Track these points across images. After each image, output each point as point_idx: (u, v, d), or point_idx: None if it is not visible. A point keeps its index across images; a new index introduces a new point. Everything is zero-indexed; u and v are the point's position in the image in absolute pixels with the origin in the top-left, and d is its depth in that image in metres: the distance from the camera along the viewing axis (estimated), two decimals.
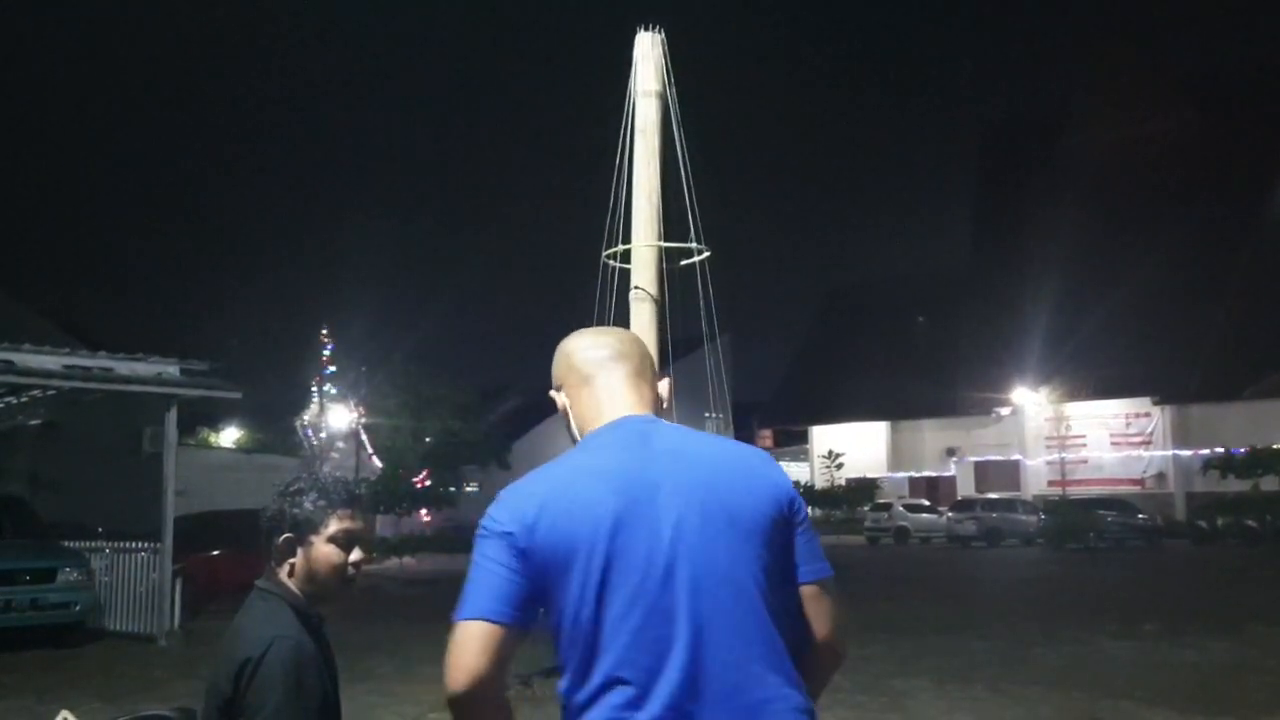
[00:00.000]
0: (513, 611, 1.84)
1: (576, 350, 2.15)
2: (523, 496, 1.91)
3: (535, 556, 1.85)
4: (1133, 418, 47.11)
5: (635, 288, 2.89)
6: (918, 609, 16.32)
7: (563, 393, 2.15)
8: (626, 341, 2.20)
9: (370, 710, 8.99)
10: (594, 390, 2.09)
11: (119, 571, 14.99)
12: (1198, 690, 9.35)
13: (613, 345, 2.15)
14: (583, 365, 2.12)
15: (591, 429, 2.05)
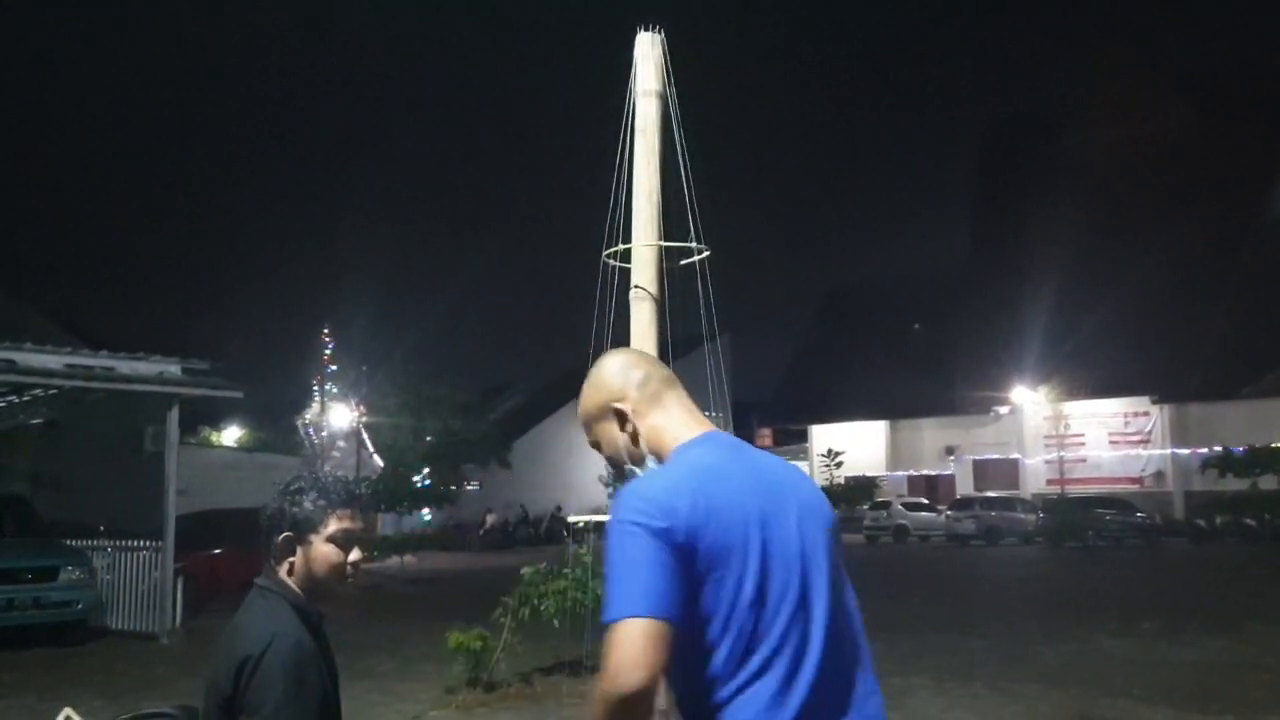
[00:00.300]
0: (677, 609, 1.86)
1: (636, 368, 2.21)
2: (669, 493, 1.92)
3: (694, 551, 1.89)
4: (1131, 417, 47.12)
5: (635, 287, 2.91)
6: (917, 607, 16.34)
7: (625, 406, 2.16)
8: (666, 367, 2.27)
9: (371, 708, 9.02)
10: (668, 407, 2.15)
11: (121, 570, 15.03)
12: (1196, 688, 9.38)
13: (663, 368, 2.24)
14: (649, 382, 2.16)
15: (678, 441, 2.09)
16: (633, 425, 2.15)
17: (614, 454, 2.19)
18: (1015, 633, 13.32)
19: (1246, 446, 36.50)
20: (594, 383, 2.23)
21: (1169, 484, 45.27)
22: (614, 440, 2.18)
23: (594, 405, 2.21)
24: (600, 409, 2.20)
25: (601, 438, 2.22)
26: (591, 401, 2.22)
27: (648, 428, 2.14)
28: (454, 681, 9.71)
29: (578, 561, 10.53)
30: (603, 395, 2.19)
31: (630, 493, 1.96)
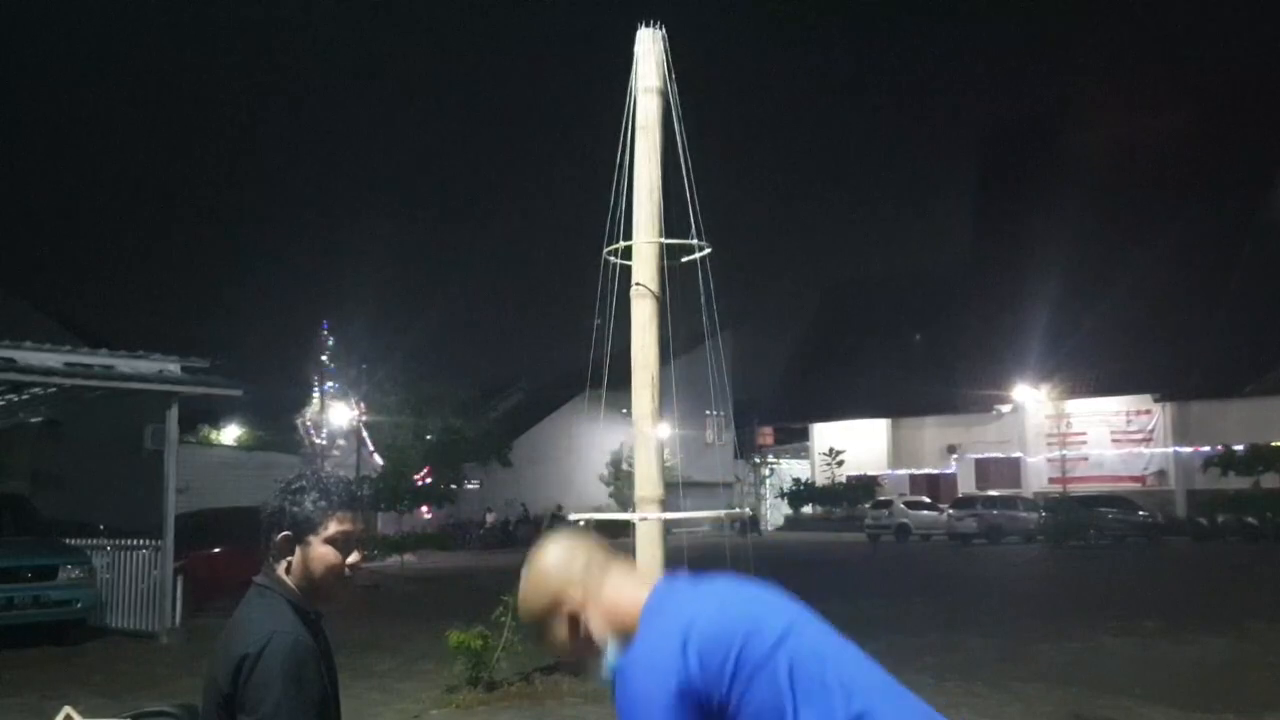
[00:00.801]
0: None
1: (574, 554, 2.10)
2: (688, 641, 1.82)
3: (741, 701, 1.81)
4: (1133, 415, 47.11)
5: (636, 284, 2.90)
6: (918, 606, 16.33)
7: (575, 597, 2.04)
8: (602, 546, 2.17)
9: (371, 707, 9.00)
10: (615, 575, 2.05)
11: (120, 569, 15.03)
12: (1198, 687, 9.36)
13: (599, 548, 2.13)
14: (590, 566, 2.06)
15: (639, 603, 1.98)
16: (584, 619, 2.03)
17: (570, 653, 2.06)
18: (1016, 631, 13.30)
19: (1248, 445, 36.51)
20: (534, 583, 2.11)
21: (1171, 482, 45.27)
22: (565, 638, 2.05)
23: (539, 607, 2.09)
24: (546, 610, 2.08)
25: (554, 639, 2.09)
26: (536, 604, 2.10)
27: (604, 608, 2.02)
28: (454, 680, 9.69)
29: None
30: (546, 595, 2.08)
31: (640, 646, 1.87)
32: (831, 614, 7.67)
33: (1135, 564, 25.69)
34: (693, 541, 6.47)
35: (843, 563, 27.92)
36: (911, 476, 52.67)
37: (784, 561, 26.29)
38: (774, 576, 7.16)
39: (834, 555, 31.36)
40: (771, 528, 51.61)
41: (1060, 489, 43.41)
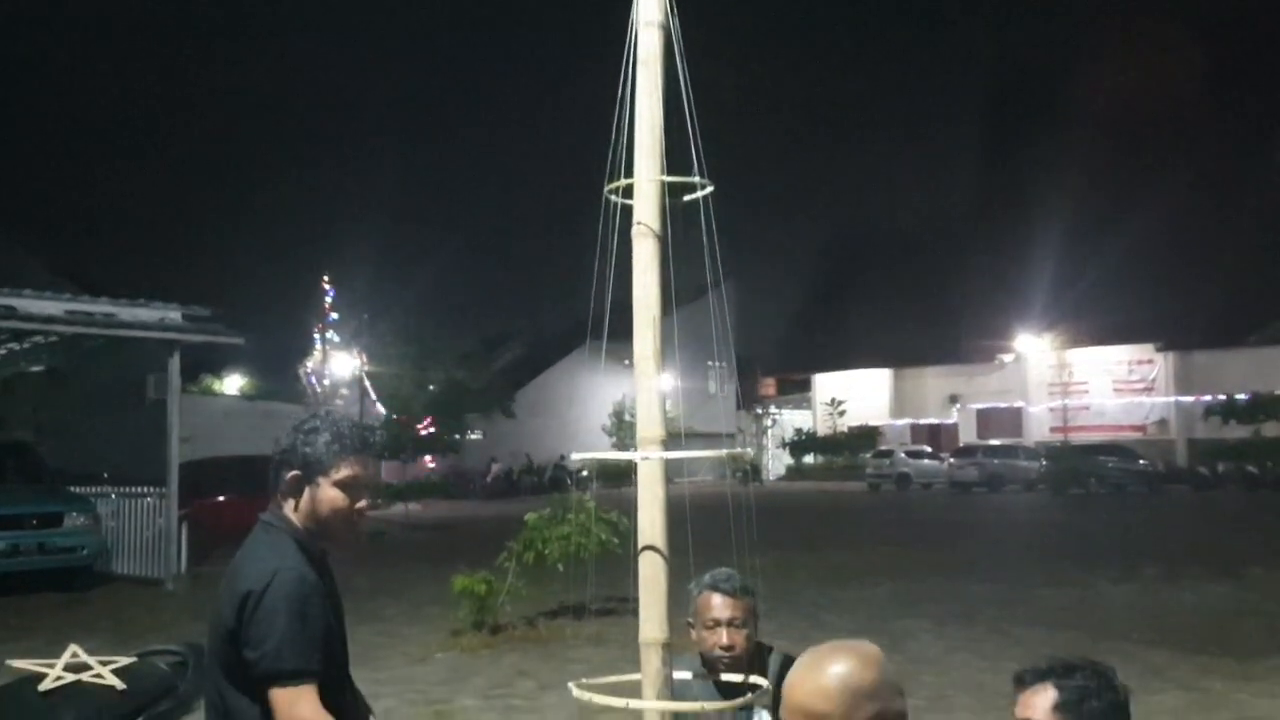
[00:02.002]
0: None
1: (872, 706, 1.85)
2: None
3: None
4: (1135, 364, 47.12)
5: (637, 223, 2.87)
6: (918, 553, 16.42)
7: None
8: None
9: (378, 650, 9.10)
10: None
11: (125, 516, 15.12)
12: (1197, 632, 9.43)
13: (896, 693, 1.91)
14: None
15: None
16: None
17: None
18: (1016, 578, 13.39)
19: (1250, 393, 36.54)
20: (817, 684, 1.87)
21: (1172, 431, 45.36)
22: None
23: (805, 711, 1.86)
24: (811, 716, 1.85)
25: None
26: (804, 705, 1.86)
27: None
28: (459, 624, 9.78)
29: (581, 507, 10.57)
30: (821, 708, 1.84)
31: None
32: (833, 562, 7.79)
33: (1135, 512, 25.80)
34: (695, 491, 6.50)
35: (844, 511, 28.07)
36: (913, 426, 52.78)
37: (785, 510, 26.43)
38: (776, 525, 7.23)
39: (835, 504, 31.53)
40: (773, 478, 51.83)
41: (1061, 438, 43.51)
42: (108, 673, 3.21)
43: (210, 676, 2.71)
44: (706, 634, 3.67)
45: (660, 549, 2.80)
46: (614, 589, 10.03)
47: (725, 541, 3.73)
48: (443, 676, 8.25)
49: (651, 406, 2.88)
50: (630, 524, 2.96)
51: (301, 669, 2.55)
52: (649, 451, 2.82)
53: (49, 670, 3.20)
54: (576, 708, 6.90)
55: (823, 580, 13.42)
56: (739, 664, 3.49)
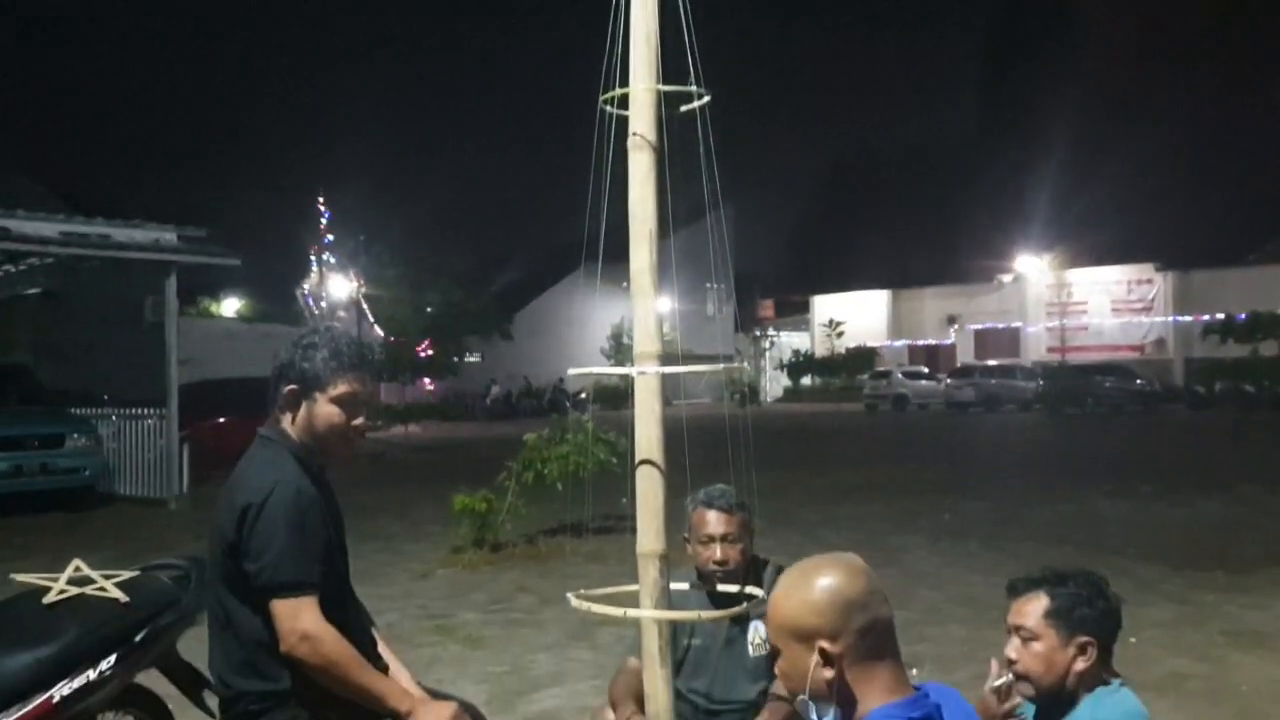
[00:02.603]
0: None
1: (863, 609, 1.87)
2: None
3: None
4: (1134, 284, 47.04)
5: (633, 134, 2.84)
6: (914, 472, 16.54)
7: (836, 649, 1.84)
8: (889, 604, 1.93)
9: (380, 568, 9.20)
10: (879, 666, 1.86)
11: (126, 438, 15.21)
12: (1190, 547, 9.54)
13: (888, 607, 1.92)
14: (871, 631, 1.86)
15: (877, 705, 1.84)
16: (837, 674, 1.85)
17: (794, 680, 1.91)
18: (1011, 495, 13.50)
19: (1249, 312, 36.50)
20: (804, 599, 1.89)
21: (1169, 351, 45.44)
22: (801, 669, 1.88)
23: (793, 627, 1.89)
24: (801, 633, 1.88)
25: (785, 656, 1.92)
26: (793, 621, 1.89)
27: (851, 677, 1.86)
28: (460, 542, 9.89)
29: (579, 428, 10.62)
30: (811, 622, 1.87)
31: None
32: (829, 481, 7.86)
33: (1131, 431, 25.97)
34: (693, 413, 6.52)
35: (840, 432, 28.22)
36: (911, 347, 52.87)
37: (782, 431, 26.58)
38: (773, 445, 7.29)
39: (832, 425, 31.68)
40: (771, 399, 52.03)
41: (1059, 358, 43.59)
42: (111, 586, 3.24)
43: (212, 588, 2.74)
44: (701, 549, 3.72)
45: (657, 463, 2.82)
46: (612, 508, 10.11)
47: (722, 461, 3.76)
48: (444, 592, 8.36)
49: (648, 322, 2.88)
50: (628, 444, 2.97)
51: (301, 581, 2.58)
52: (645, 366, 2.83)
53: (52, 584, 3.23)
54: (576, 619, 7.04)
55: (819, 498, 13.54)
56: (734, 578, 3.54)
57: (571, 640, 6.69)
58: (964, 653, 6.15)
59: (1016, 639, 2.72)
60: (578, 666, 6.09)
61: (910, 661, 5.90)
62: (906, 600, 7.62)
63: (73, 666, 2.99)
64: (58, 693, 2.93)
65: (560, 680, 5.84)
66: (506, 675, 5.94)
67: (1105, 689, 2.67)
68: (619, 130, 2.88)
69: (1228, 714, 5.01)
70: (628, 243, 2.83)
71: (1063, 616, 2.66)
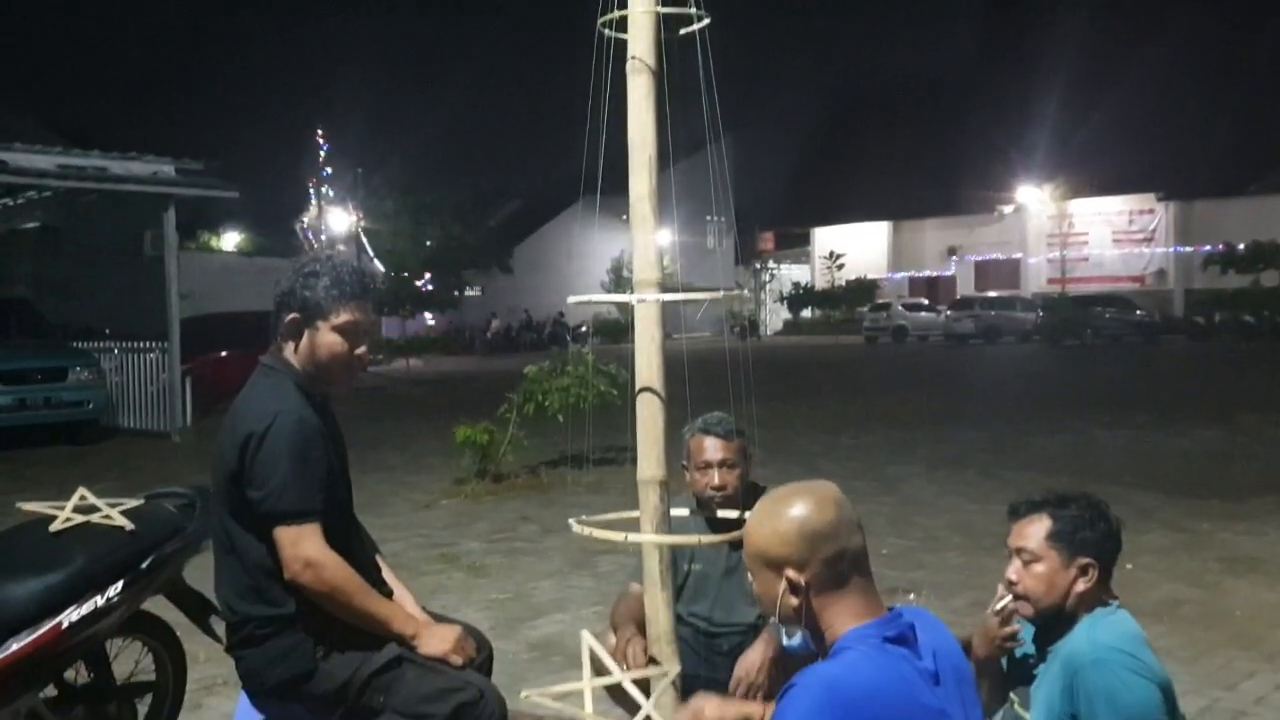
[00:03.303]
0: None
1: (830, 540, 1.92)
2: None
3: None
4: (1136, 214, 46.77)
5: (632, 58, 2.81)
6: (913, 403, 16.60)
7: (802, 578, 1.92)
8: (861, 531, 1.98)
9: (383, 498, 9.28)
10: (848, 593, 1.93)
11: (129, 372, 15.26)
12: (1186, 475, 9.60)
13: (859, 535, 1.97)
14: (839, 560, 1.92)
15: (846, 628, 1.92)
16: (804, 601, 1.93)
17: (765, 604, 2.01)
18: (1009, 425, 13.55)
19: (1250, 242, 36.35)
20: (774, 529, 1.96)
21: (1170, 282, 45.32)
22: (771, 594, 1.97)
23: (763, 555, 1.97)
24: (770, 560, 1.96)
25: (758, 581, 2.00)
26: (763, 549, 1.97)
27: (818, 605, 1.93)
28: (462, 473, 9.95)
29: (580, 360, 10.65)
30: (778, 551, 1.94)
31: (805, 692, 1.79)
32: (828, 412, 7.90)
33: (1130, 362, 26.01)
34: (693, 347, 6.53)
35: (840, 364, 28.27)
36: (911, 279, 52.75)
37: (782, 364, 26.64)
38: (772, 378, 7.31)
39: (831, 357, 31.73)
40: (771, 333, 52.02)
41: (1059, 289, 43.50)
42: (116, 514, 3.27)
43: (216, 516, 2.77)
44: (699, 476, 3.74)
45: (657, 390, 2.83)
46: (613, 440, 10.17)
47: (722, 392, 3.78)
48: (447, 522, 8.43)
49: (647, 249, 2.87)
50: (628, 376, 2.99)
51: (304, 509, 2.61)
52: (645, 294, 2.83)
53: (58, 512, 3.26)
54: (578, 548, 7.11)
55: (818, 429, 13.61)
56: (732, 504, 3.57)
57: (573, 568, 6.76)
58: (961, 579, 6.22)
59: (1018, 561, 2.75)
60: (580, 593, 6.16)
61: (908, 587, 6.00)
62: (904, 528, 7.70)
63: (80, 593, 3.03)
64: (66, 619, 2.97)
65: (563, 607, 5.91)
66: (510, 602, 6.02)
67: (1104, 610, 2.71)
68: (618, 55, 2.85)
69: (1222, 638, 5.07)
70: (627, 176, 2.81)
71: (1064, 539, 2.69)
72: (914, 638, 1.90)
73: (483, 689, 2.67)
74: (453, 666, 2.69)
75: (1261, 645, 4.94)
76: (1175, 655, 4.57)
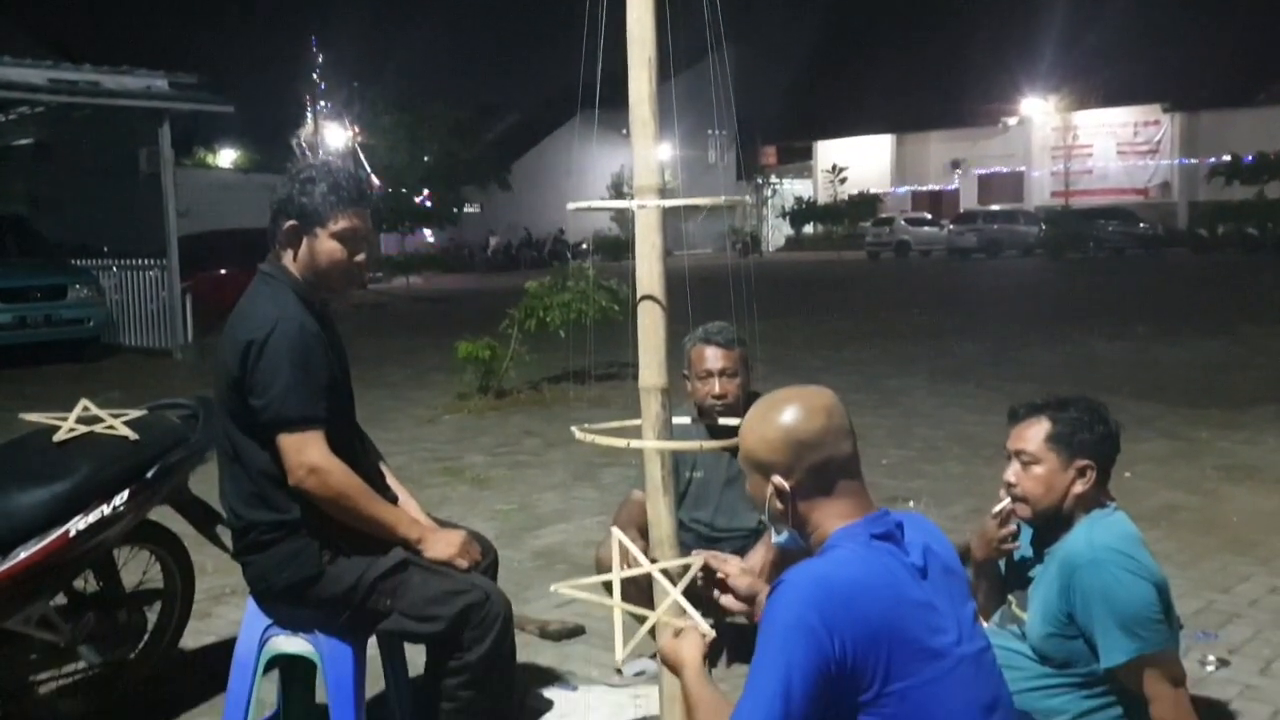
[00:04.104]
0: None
1: (815, 448, 1.95)
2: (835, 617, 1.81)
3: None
4: (1141, 126, 46.22)
5: None
6: (914, 317, 16.59)
7: (787, 484, 1.96)
8: (851, 435, 2.00)
9: (386, 413, 9.32)
10: (835, 497, 1.96)
11: (129, 290, 15.24)
12: (1186, 385, 9.63)
13: (847, 441, 1.99)
14: (826, 468, 1.95)
15: (833, 529, 1.95)
16: (789, 505, 1.97)
17: (756, 504, 2.06)
18: (1009, 338, 13.56)
19: (1255, 154, 35.97)
20: (762, 435, 1.99)
21: (1174, 194, 44.97)
22: (760, 496, 2.02)
23: (753, 459, 2.01)
24: (758, 465, 2.00)
25: (750, 482, 2.05)
26: (752, 454, 2.01)
27: (804, 508, 1.97)
28: (465, 389, 9.98)
29: (581, 275, 10.62)
30: (766, 457, 1.98)
31: (793, 590, 1.82)
32: (829, 327, 7.87)
33: (1132, 274, 25.93)
34: (695, 264, 6.51)
35: (842, 280, 28.19)
36: (914, 193, 52.33)
37: (784, 280, 26.57)
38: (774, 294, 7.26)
39: (834, 273, 31.63)
40: (773, 248, 51.79)
41: (1063, 202, 43.18)
42: (120, 424, 3.29)
43: (219, 424, 2.77)
44: (700, 384, 3.76)
45: (658, 298, 2.81)
46: (615, 355, 10.19)
47: (724, 308, 3.78)
48: (450, 436, 8.48)
49: (647, 154, 2.83)
50: (629, 292, 2.97)
51: (307, 415, 2.61)
52: (646, 200, 2.79)
53: (61, 423, 3.28)
54: (581, 460, 7.15)
55: (819, 344, 13.62)
56: (733, 412, 3.59)
57: (576, 480, 6.82)
58: (960, 488, 6.28)
59: (1016, 463, 2.77)
60: (583, 504, 6.22)
61: (908, 496, 6.05)
62: (905, 439, 7.75)
63: (86, 502, 3.05)
64: (73, 527, 3.00)
65: (566, 517, 5.97)
66: (514, 513, 6.08)
67: (1101, 511, 2.73)
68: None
69: (1217, 542, 5.12)
70: (627, 90, 2.76)
71: (1063, 441, 2.71)
72: (900, 535, 1.94)
73: (488, 591, 2.70)
74: (458, 570, 2.72)
75: (1257, 550, 5.00)
76: (1172, 560, 4.62)
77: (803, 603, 1.78)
